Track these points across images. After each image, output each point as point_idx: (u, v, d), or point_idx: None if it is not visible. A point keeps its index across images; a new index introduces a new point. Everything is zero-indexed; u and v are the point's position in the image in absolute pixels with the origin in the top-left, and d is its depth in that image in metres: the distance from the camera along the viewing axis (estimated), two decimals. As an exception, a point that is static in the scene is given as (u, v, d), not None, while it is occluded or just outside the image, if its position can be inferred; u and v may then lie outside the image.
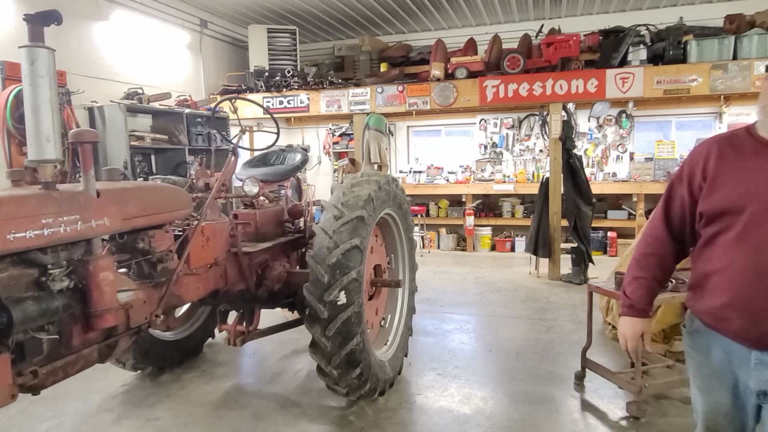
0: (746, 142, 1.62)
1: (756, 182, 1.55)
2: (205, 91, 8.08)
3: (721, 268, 1.60)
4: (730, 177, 1.59)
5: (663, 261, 1.83)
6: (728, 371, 1.64)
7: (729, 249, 1.58)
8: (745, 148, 1.61)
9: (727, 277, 1.59)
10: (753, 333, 1.55)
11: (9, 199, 1.82)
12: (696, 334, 1.74)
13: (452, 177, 9.16)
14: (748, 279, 1.54)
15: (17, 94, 4.92)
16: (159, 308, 2.57)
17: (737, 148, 1.62)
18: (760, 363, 1.55)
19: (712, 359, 1.68)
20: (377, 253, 3.66)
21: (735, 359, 1.61)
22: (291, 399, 3.47)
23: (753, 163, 1.57)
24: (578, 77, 6.55)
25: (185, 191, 2.90)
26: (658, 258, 1.83)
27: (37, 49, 1.96)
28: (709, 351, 1.69)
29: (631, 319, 1.87)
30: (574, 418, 3.18)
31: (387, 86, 7.47)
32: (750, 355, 1.56)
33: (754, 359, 1.56)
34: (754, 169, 1.57)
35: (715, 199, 1.61)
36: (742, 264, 1.55)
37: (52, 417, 3.27)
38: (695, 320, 1.73)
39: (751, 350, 1.56)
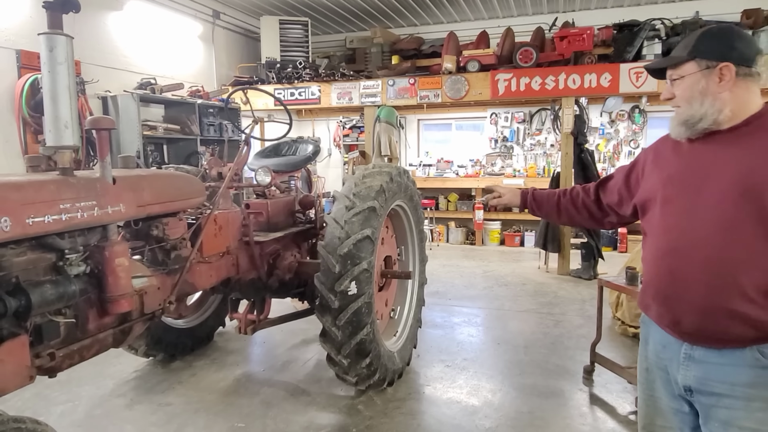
0: (671, 140, 1.64)
1: (669, 170, 1.60)
2: (217, 82, 8.11)
3: (644, 256, 1.67)
4: (655, 170, 1.66)
5: (575, 198, 1.98)
6: (663, 365, 1.61)
7: (648, 237, 1.64)
8: (671, 143, 1.64)
9: (646, 263, 1.65)
10: (667, 319, 1.54)
11: (28, 184, 1.84)
12: (643, 325, 1.75)
13: (462, 171, 9.13)
14: (657, 262, 1.57)
15: (33, 83, 4.97)
16: (172, 295, 2.60)
17: (669, 143, 1.65)
18: (688, 357, 1.52)
19: (649, 351, 1.68)
20: (388, 244, 3.67)
21: (668, 352, 1.59)
22: (300, 387, 3.50)
23: (671, 155, 1.62)
24: (591, 71, 6.49)
25: (198, 180, 2.92)
26: (572, 194, 1.99)
27: (56, 36, 1.97)
28: (647, 342, 1.69)
29: (515, 190, 2.17)
30: (582, 411, 3.18)
31: (398, 79, 7.45)
32: (680, 349, 1.53)
33: (683, 353, 1.53)
34: (669, 161, 1.62)
35: (641, 192, 1.69)
36: (654, 248, 1.59)
37: (66, 401, 3.33)
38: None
39: (681, 343, 1.53)
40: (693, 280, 1.46)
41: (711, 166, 1.48)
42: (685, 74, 1.53)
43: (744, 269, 1.40)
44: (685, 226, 1.49)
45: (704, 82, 1.49)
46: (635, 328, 4.20)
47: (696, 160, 1.53)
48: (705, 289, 1.44)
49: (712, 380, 1.47)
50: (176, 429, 3.00)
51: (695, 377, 1.50)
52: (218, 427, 3.01)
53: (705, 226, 1.45)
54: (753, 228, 1.39)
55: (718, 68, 1.47)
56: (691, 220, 1.48)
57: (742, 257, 1.40)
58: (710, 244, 1.43)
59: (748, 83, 1.48)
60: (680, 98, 1.54)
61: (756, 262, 1.39)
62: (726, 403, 1.44)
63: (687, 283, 1.47)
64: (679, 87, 1.55)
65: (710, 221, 1.44)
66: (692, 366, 1.50)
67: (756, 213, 1.38)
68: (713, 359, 1.46)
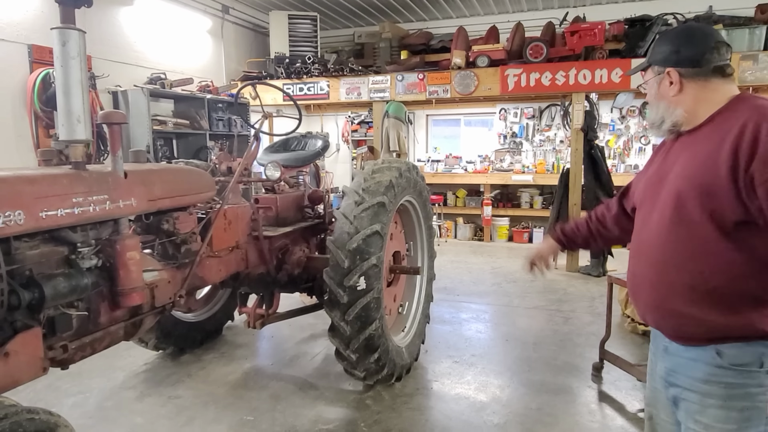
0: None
1: (648, 172, 1.66)
2: (226, 77, 8.12)
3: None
4: (645, 169, 1.73)
5: (602, 218, 1.94)
6: (655, 359, 1.70)
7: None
8: (668, 142, 1.65)
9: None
10: (639, 315, 1.66)
11: (41, 177, 1.86)
12: None
13: (471, 167, 9.10)
14: (632, 261, 1.65)
15: (44, 77, 5.01)
16: (183, 289, 2.62)
17: (667, 142, 1.66)
18: (664, 350, 1.60)
19: (653, 344, 1.74)
20: (396, 239, 3.67)
21: (656, 346, 1.68)
22: (309, 382, 3.52)
23: (659, 156, 1.66)
24: (602, 67, 6.43)
25: (208, 174, 2.93)
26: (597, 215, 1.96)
27: (69, 30, 1.98)
28: (652, 340, 1.75)
29: (546, 237, 2.10)
30: (591, 408, 3.17)
31: (407, 74, 7.43)
32: (662, 342, 1.61)
33: (662, 345, 1.61)
34: (654, 161, 1.68)
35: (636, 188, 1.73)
36: (632, 248, 1.67)
37: (77, 392, 3.36)
38: None
39: (664, 337, 1.60)
40: (645, 281, 1.58)
41: (669, 169, 1.55)
42: (646, 80, 1.64)
43: (682, 272, 1.46)
44: (642, 229, 1.60)
45: (657, 87, 1.59)
46: (645, 326, 4.17)
47: (664, 162, 1.60)
48: (652, 289, 1.55)
49: (677, 373, 1.55)
50: (186, 421, 3.03)
51: (665, 368, 1.59)
52: (227, 419, 3.04)
53: (653, 229, 1.54)
54: (688, 231, 1.43)
55: (666, 73, 1.55)
56: (647, 223, 1.58)
57: (679, 260, 1.46)
58: (654, 246, 1.54)
59: (700, 83, 1.51)
60: (648, 102, 1.66)
61: (694, 265, 1.43)
62: (686, 396, 1.52)
63: (642, 284, 1.60)
64: (647, 91, 1.65)
65: (656, 224, 1.53)
66: (666, 358, 1.59)
67: (690, 217, 1.42)
68: (681, 354, 1.54)
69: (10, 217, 1.70)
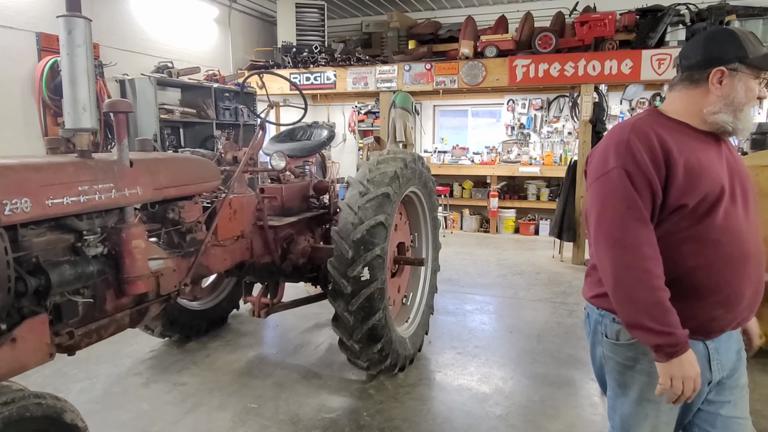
0: (676, 128, 1.52)
1: (714, 168, 1.49)
2: (233, 66, 8.11)
3: (706, 262, 1.47)
4: (697, 164, 1.46)
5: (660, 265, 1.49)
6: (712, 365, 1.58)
7: (713, 241, 1.47)
8: (680, 133, 1.51)
9: (714, 271, 1.48)
10: (728, 324, 1.56)
11: (48, 165, 1.87)
12: (641, 345, 1.51)
13: (477, 158, 9.06)
14: (737, 269, 1.50)
15: (52, 65, 5.02)
16: (188, 277, 2.64)
17: (678, 133, 1.51)
18: (715, 351, 1.55)
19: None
20: (401, 230, 3.67)
21: (724, 352, 1.57)
22: (312, 371, 3.55)
23: (700, 148, 1.50)
24: (612, 58, 6.36)
25: (214, 164, 2.94)
26: (656, 262, 1.45)
27: (75, 18, 1.99)
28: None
29: (687, 353, 1.41)
30: (593, 401, 3.17)
31: (414, 64, 7.38)
32: (705, 348, 1.53)
33: (710, 350, 1.54)
34: (704, 154, 1.50)
35: (699, 190, 1.44)
36: (730, 254, 1.48)
37: (84, 378, 3.41)
38: None
39: (703, 342, 1.53)
40: (747, 281, 1.51)
41: (732, 164, 1.56)
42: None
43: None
44: (747, 230, 1.52)
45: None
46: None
47: (719, 157, 1.54)
48: (756, 288, 1.54)
49: (731, 359, 1.58)
50: (191, 408, 3.06)
51: (724, 366, 1.56)
52: (232, 407, 3.07)
53: (743, 225, 1.51)
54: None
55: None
56: (734, 221, 1.50)
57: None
58: (750, 242, 1.51)
59: None
60: (747, 106, 1.52)
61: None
62: (736, 368, 1.59)
63: (744, 286, 1.51)
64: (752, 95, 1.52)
65: (745, 220, 1.52)
66: (719, 358, 1.55)
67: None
68: (725, 342, 1.56)
69: (17, 205, 1.72)
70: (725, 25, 6.10)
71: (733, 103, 1.49)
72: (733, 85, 1.49)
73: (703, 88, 1.52)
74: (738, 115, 1.50)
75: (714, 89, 1.51)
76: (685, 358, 1.40)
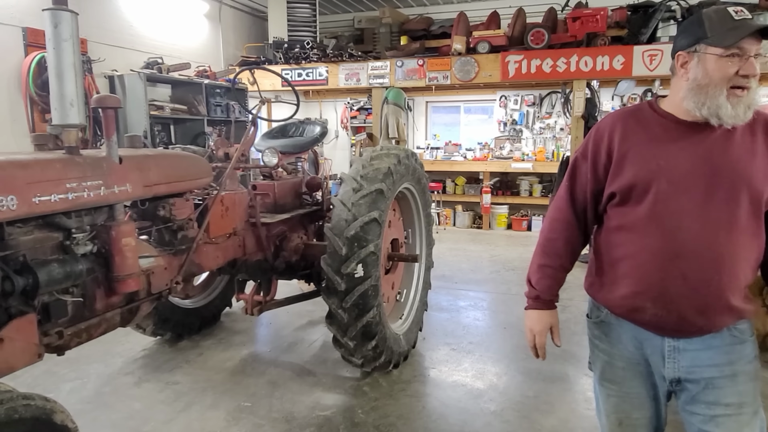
0: (651, 117, 1.52)
1: (664, 159, 1.44)
2: (224, 62, 8.05)
3: (631, 252, 1.50)
4: (639, 153, 1.48)
5: (570, 246, 1.69)
6: (642, 359, 1.58)
7: (638, 232, 1.48)
8: (650, 123, 1.51)
9: (638, 262, 1.49)
10: (668, 322, 1.48)
11: (34, 162, 1.83)
12: (605, 325, 1.65)
13: (470, 154, 9.05)
14: (661, 264, 1.44)
15: (39, 61, 4.95)
16: (179, 275, 2.60)
17: (642, 123, 1.52)
18: (674, 350, 1.50)
19: (624, 349, 1.60)
20: (395, 227, 3.65)
21: (647, 348, 1.55)
22: (306, 368, 3.53)
23: (660, 139, 1.48)
24: (604, 54, 6.39)
25: (205, 160, 2.91)
26: (564, 243, 1.68)
27: (61, 12, 1.94)
28: (620, 341, 1.61)
29: (538, 312, 1.75)
30: (587, 396, 3.18)
31: (407, 60, 7.37)
32: (663, 343, 1.51)
33: (667, 347, 1.51)
34: (662, 144, 1.47)
35: (624, 178, 1.49)
36: (655, 248, 1.45)
37: (75, 378, 3.37)
38: (602, 310, 1.65)
39: (663, 338, 1.51)
40: (697, 279, 1.42)
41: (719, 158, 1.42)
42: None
43: (745, 265, 1.44)
44: (695, 227, 1.41)
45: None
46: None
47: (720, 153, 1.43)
48: (711, 287, 1.42)
49: (699, 367, 1.49)
50: (184, 407, 3.03)
51: (684, 368, 1.50)
52: (225, 405, 3.04)
53: (711, 222, 1.41)
54: (750, 223, 1.43)
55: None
56: (702, 221, 1.41)
57: (744, 254, 1.43)
58: (720, 243, 1.40)
59: None
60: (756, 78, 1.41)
61: (751, 257, 1.46)
62: (715, 384, 1.47)
63: (693, 284, 1.42)
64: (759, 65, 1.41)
65: (717, 217, 1.41)
66: (679, 357, 1.50)
67: (749, 208, 1.42)
68: (696, 347, 1.49)
69: (3, 203, 1.67)
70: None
71: (697, 87, 1.41)
72: (694, 68, 1.42)
73: (676, 77, 1.49)
74: (703, 99, 1.39)
75: (681, 75, 1.46)
76: (532, 313, 1.77)
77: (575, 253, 1.72)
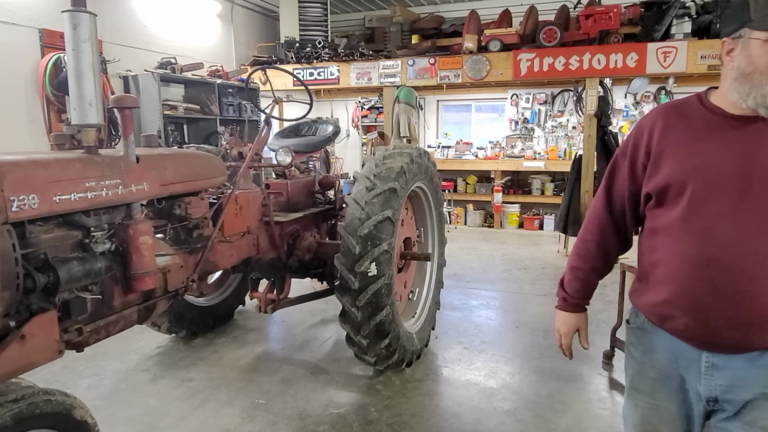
0: (696, 111, 1.40)
1: (703, 157, 1.33)
2: (236, 62, 8.09)
3: (664, 257, 1.40)
4: (676, 151, 1.37)
5: (603, 249, 1.62)
6: (675, 374, 1.46)
7: (672, 236, 1.38)
8: (694, 118, 1.39)
9: (670, 268, 1.39)
10: (697, 333, 1.37)
11: (55, 161, 1.86)
12: (640, 332, 1.55)
13: (481, 153, 9.03)
14: (691, 271, 1.33)
15: (56, 62, 5.01)
16: (195, 273, 2.63)
17: (686, 118, 1.40)
18: (711, 366, 1.37)
19: (657, 360, 1.49)
20: (407, 226, 3.66)
21: (683, 361, 1.43)
22: (319, 366, 3.54)
23: (702, 135, 1.36)
24: (617, 51, 6.32)
25: (220, 159, 2.93)
26: (597, 245, 1.61)
27: (80, 13, 1.96)
28: (653, 351, 1.51)
29: (565, 313, 1.72)
30: (601, 396, 3.16)
31: (418, 58, 7.35)
32: (700, 357, 1.39)
33: (704, 362, 1.38)
34: (702, 142, 1.34)
35: (659, 178, 1.39)
36: (686, 253, 1.34)
37: (92, 374, 3.41)
38: (640, 316, 1.55)
39: (701, 351, 1.38)
40: (736, 290, 1.29)
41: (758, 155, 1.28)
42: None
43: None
44: (730, 232, 1.28)
45: None
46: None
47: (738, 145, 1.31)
48: (751, 300, 1.28)
49: (739, 386, 1.35)
50: (199, 404, 3.06)
51: (721, 386, 1.37)
52: (240, 402, 3.07)
53: (752, 231, 1.27)
54: None
55: None
56: (738, 226, 1.28)
57: None
58: (759, 251, 1.27)
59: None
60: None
61: None
62: (755, 405, 1.34)
63: (734, 297, 1.29)
64: None
65: (757, 225, 1.27)
66: (716, 375, 1.38)
67: None
68: (738, 365, 1.35)
69: (25, 201, 1.71)
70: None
71: (741, 76, 1.28)
72: (738, 55, 1.30)
73: (724, 66, 1.36)
74: (748, 89, 1.27)
75: (727, 64, 1.34)
76: (560, 314, 1.75)
77: (610, 256, 1.63)
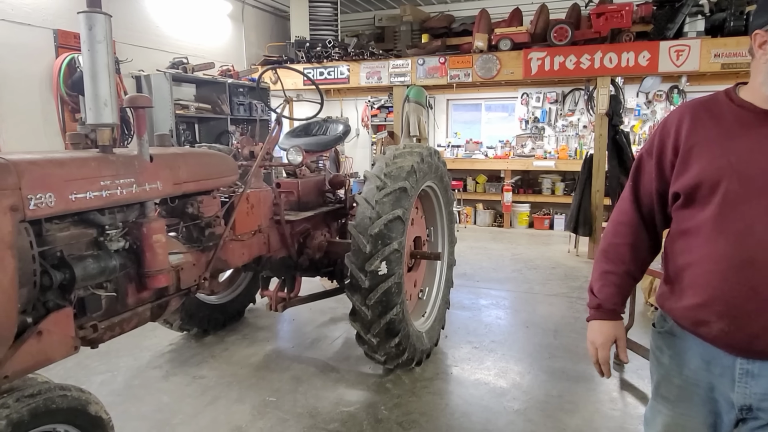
0: (725, 107, 1.35)
1: (736, 154, 1.28)
2: (247, 61, 8.13)
3: (696, 259, 1.34)
4: (706, 149, 1.32)
5: (635, 251, 1.53)
6: (704, 382, 1.40)
7: (705, 237, 1.32)
8: (723, 114, 1.34)
9: (702, 271, 1.33)
10: (735, 339, 1.30)
11: (71, 160, 1.89)
12: (668, 336, 1.48)
13: (491, 152, 9.01)
14: (728, 272, 1.27)
15: (70, 62, 5.07)
16: (207, 271, 2.65)
17: (714, 115, 1.35)
18: (746, 374, 1.31)
19: (686, 366, 1.43)
20: (417, 225, 3.66)
21: (715, 368, 1.37)
22: (329, 365, 3.56)
23: (733, 132, 1.30)
24: (629, 50, 6.25)
25: (232, 159, 2.95)
26: (628, 248, 1.53)
27: (95, 14, 1.99)
28: (683, 356, 1.44)
29: (600, 322, 1.58)
30: (612, 396, 3.15)
31: (428, 57, 7.34)
32: (734, 364, 1.32)
33: (738, 369, 1.32)
34: (734, 138, 1.29)
35: (689, 176, 1.33)
36: (721, 254, 1.28)
37: (105, 371, 3.46)
38: (668, 320, 1.48)
39: (735, 358, 1.32)
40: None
41: None
42: None
43: None
44: (757, 227, 1.23)
45: None
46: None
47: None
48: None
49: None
50: (210, 400, 3.09)
51: (757, 395, 1.31)
52: (250, 399, 3.09)
53: None
54: None
55: None
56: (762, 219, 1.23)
57: None
58: None
59: None
60: None
61: None
62: None
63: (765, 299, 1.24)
64: None
65: None
66: (752, 382, 1.32)
67: None
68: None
69: (41, 200, 1.73)
70: (744, 16, 5.98)
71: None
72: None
73: (755, 60, 1.31)
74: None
75: (759, 57, 1.29)
76: (594, 324, 1.60)
77: (643, 259, 1.56)
